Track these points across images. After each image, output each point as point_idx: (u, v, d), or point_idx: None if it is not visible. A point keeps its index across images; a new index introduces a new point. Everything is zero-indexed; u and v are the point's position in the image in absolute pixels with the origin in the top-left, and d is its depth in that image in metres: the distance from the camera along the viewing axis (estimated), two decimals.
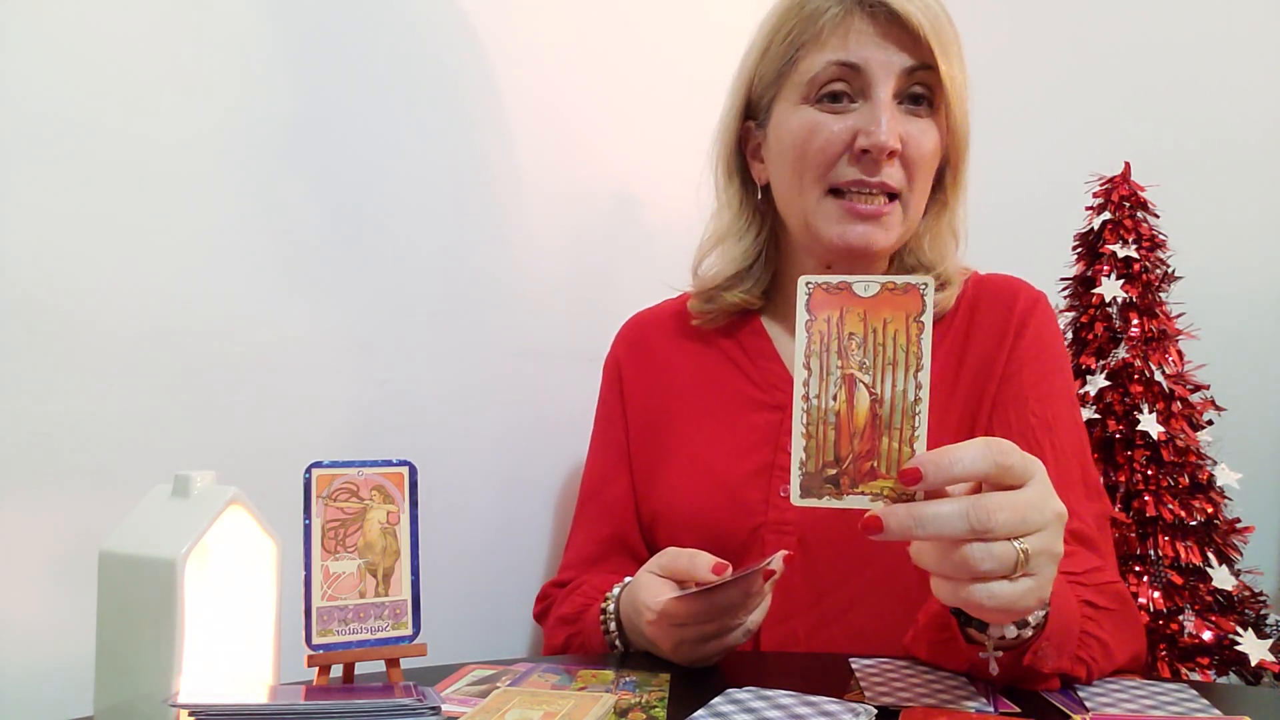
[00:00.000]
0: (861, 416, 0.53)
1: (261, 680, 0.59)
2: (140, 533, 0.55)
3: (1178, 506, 1.24)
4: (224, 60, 0.83)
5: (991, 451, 0.51)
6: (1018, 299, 0.88)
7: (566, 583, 0.96)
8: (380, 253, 0.99)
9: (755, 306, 0.96)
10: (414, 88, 1.03)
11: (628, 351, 1.02)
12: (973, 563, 0.50)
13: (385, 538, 0.60)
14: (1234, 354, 1.45)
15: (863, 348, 0.53)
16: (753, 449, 0.89)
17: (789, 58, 0.85)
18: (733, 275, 0.94)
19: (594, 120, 1.30)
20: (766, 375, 0.93)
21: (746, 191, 0.95)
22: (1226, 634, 1.19)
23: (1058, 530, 0.54)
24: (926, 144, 0.83)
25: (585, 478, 1.02)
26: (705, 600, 0.69)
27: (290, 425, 0.89)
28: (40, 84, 0.70)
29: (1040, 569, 0.52)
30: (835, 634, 0.81)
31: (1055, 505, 0.54)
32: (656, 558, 0.76)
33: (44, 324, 0.71)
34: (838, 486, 0.53)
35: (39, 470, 0.70)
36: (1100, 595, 0.72)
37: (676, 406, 0.96)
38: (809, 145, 0.83)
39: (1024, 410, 0.83)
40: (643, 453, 0.97)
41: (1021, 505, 0.51)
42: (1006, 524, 0.51)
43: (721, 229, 0.96)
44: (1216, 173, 1.55)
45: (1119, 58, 1.65)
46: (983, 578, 0.51)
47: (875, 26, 0.81)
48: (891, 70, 0.81)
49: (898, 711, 0.59)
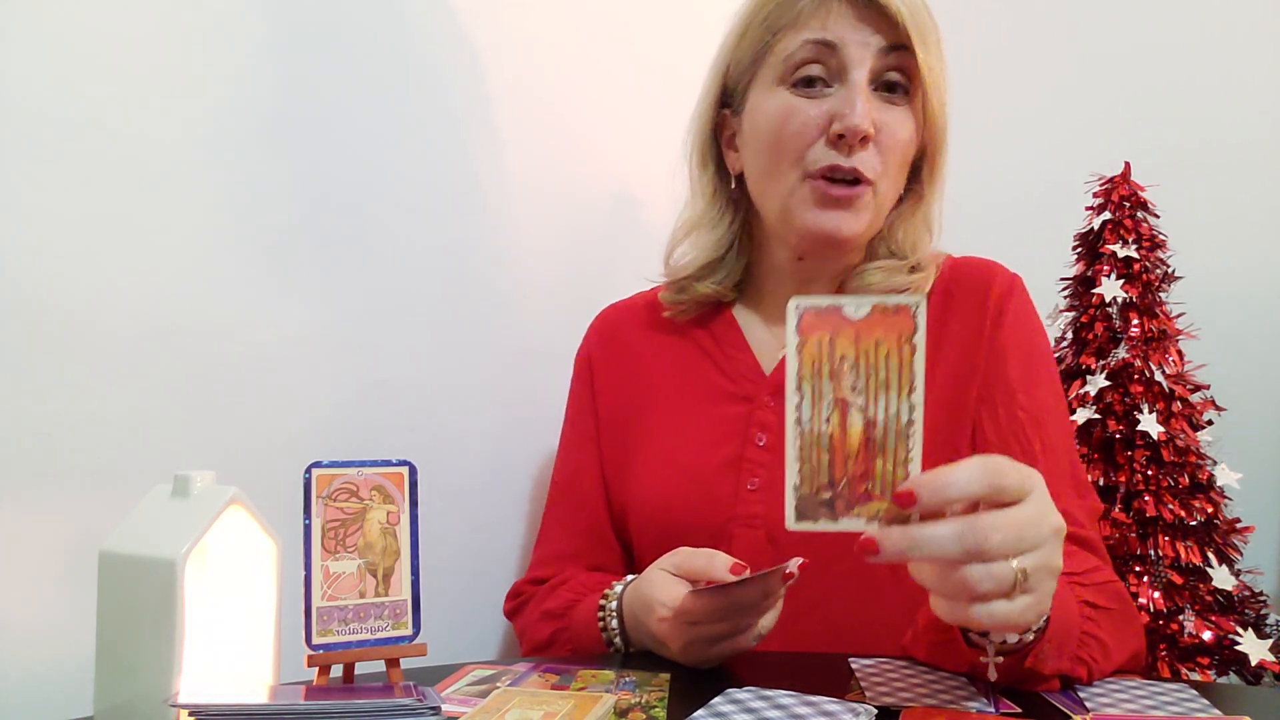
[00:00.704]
0: (855, 440, 0.52)
1: (261, 680, 0.59)
2: (140, 533, 0.55)
3: (1178, 506, 1.24)
4: (221, 59, 0.83)
5: (987, 473, 0.51)
6: (993, 283, 0.87)
7: (543, 579, 0.95)
8: (379, 253, 0.99)
9: (728, 299, 0.96)
10: (413, 87, 1.03)
11: (598, 344, 1.02)
12: (971, 584, 0.50)
13: (385, 538, 0.60)
14: (1234, 354, 1.44)
15: (855, 370, 0.52)
16: (722, 441, 0.88)
17: (765, 42, 0.84)
18: (704, 265, 0.94)
19: (592, 119, 1.30)
20: (737, 366, 0.92)
21: (720, 180, 0.94)
22: (1226, 634, 1.19)
23: (1056, 545, 0.54)
24: (901, 132, 0.83)
25: (556, 472, 1.02)
26: (723, 598, 0.69)
27: (290, 425, 0.89)
28: (40, 83, 0.70)
29: (1039, 585, 0.52)
30: (809, 628, 0.81)
31: (1053, 520, 0.54)
32: (669, 556, 0.76)
33: (44, 324, 0.71)
34: (833, 510, 0.53)
35: (39, 470, 0.70)
36: (1100, 595, 0.72)
37: (646, 398, 0.95)
38: (785, 129, 0.83)
39: (1012, 405, 0.83)
40: (613, 445, 0.97)
41: (1018, 524, 0.51)
42: (1002, 545, 0.50)
43: (694, 218, 0.96)
44: (1216, 173, 1.54)
45: (1119, 58, 1.65)
46: (981, 598, 0.51)
47: (853, 10, 0.81)
48: (868, 50, 0.80)
49: (898, 711, 0.59)
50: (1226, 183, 1.55)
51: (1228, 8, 1.57)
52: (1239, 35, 1.57)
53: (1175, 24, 1.61)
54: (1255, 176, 1.54)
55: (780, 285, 0.93)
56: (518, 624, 0.96)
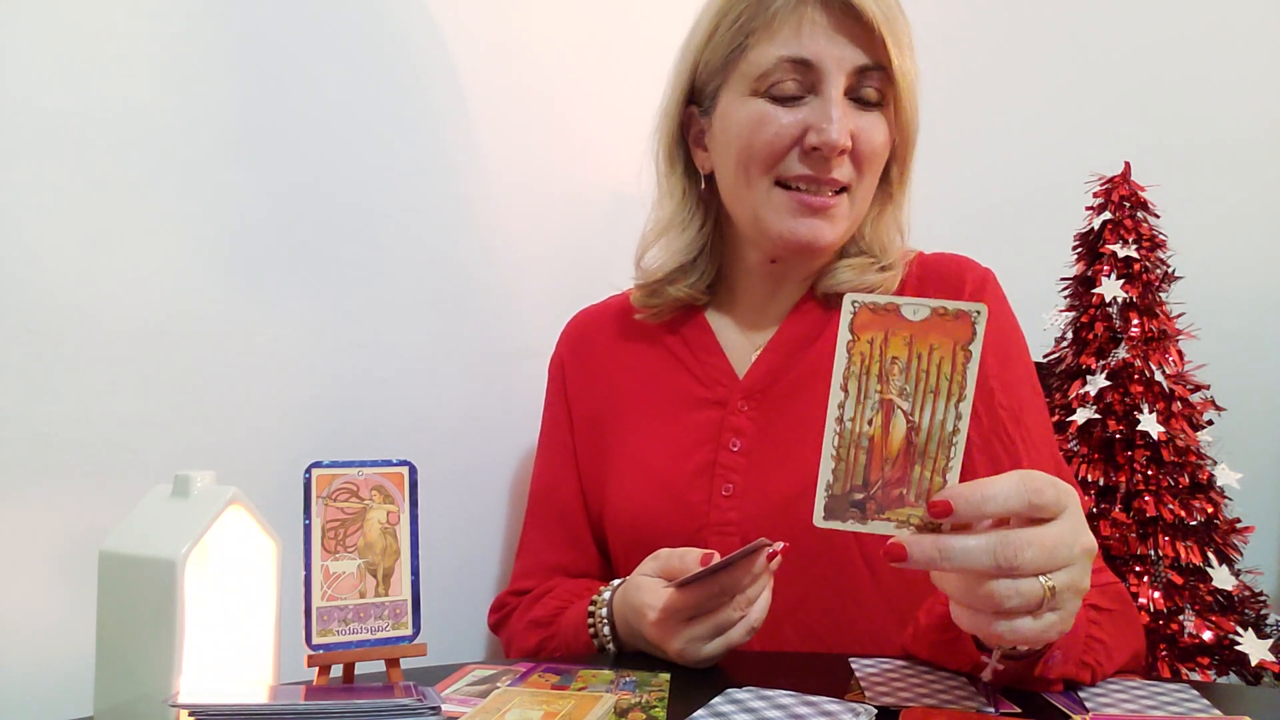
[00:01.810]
0: (896, 443, 0.51)
1: (261, 680, 0.59)
2: (140, 533, 0.55)
3: (1178, 506, 1.24)
4: (222, 58, 0.83)
5: (1025, 490, 0.50)
6: (965, 279, 0.86)
7: (526, 590, 0.94)
8: (379, 252, 0.99)
9: (701, 303, 0.94)
10: (408, 86, 1.03)
11: (570, 350, 1.01)
12: (998, 599, 0.50)
13: (385, 538, 0.60)
14: (1234, 354, 1.45)
15: (905, 373, 0.51)
16: (694, 448, 0.87)
17: (738, 44, 0.82)
18: (676, 268, 0.92)
19: (590, 118, 1.30)
20: (709, 370, 0.91)
21: (689, 180, 0.93)
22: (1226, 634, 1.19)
23: (1085, 565, 0.53)
24: (876, 138, 0.82)
25: (534, 481, 1.01)
26: (707, 586, 0.68)
27: (290, 425, 0.89)
28: (40, 82, 0.70)
29: (1065, 604, 0.52)
30: (787, 633, 0.81)
31: (1085, 540, 0.53)
32: (650, 560, 0.76)
33: (44, 324, 0.71)
34: (863, 511, 0.52)
35: (39, 470, 0.70)
36: (1102, 596, 0.72)
37: (619, 405, 0.94)
38: (756, 138, 0.81)
39: (991, 403, 0.82)
40: (588, 454, 0.95)
41: (1050, 542, 0.50)
42: (1034, 561, 0.49)
43: (664, 220, 0.94)
44: (1216, 173, 1.55)
45: (1119, 58, 1.65)
46: (1007, 615, 0.50)
47: (829, 18, 0.79)
48: (844, 67, 0.79)
49: (898, 712, 0.59)
50: (1226, 183, 1.55)
51: (1228, 7, 1.58)
52: (1239, 35, 1.57)
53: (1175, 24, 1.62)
54: (1255, 176, 1.54)
55: (753, 287, 0.92)
56: (503, 635, 0.96)
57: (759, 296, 0.92)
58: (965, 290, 0.86)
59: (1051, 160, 1.64)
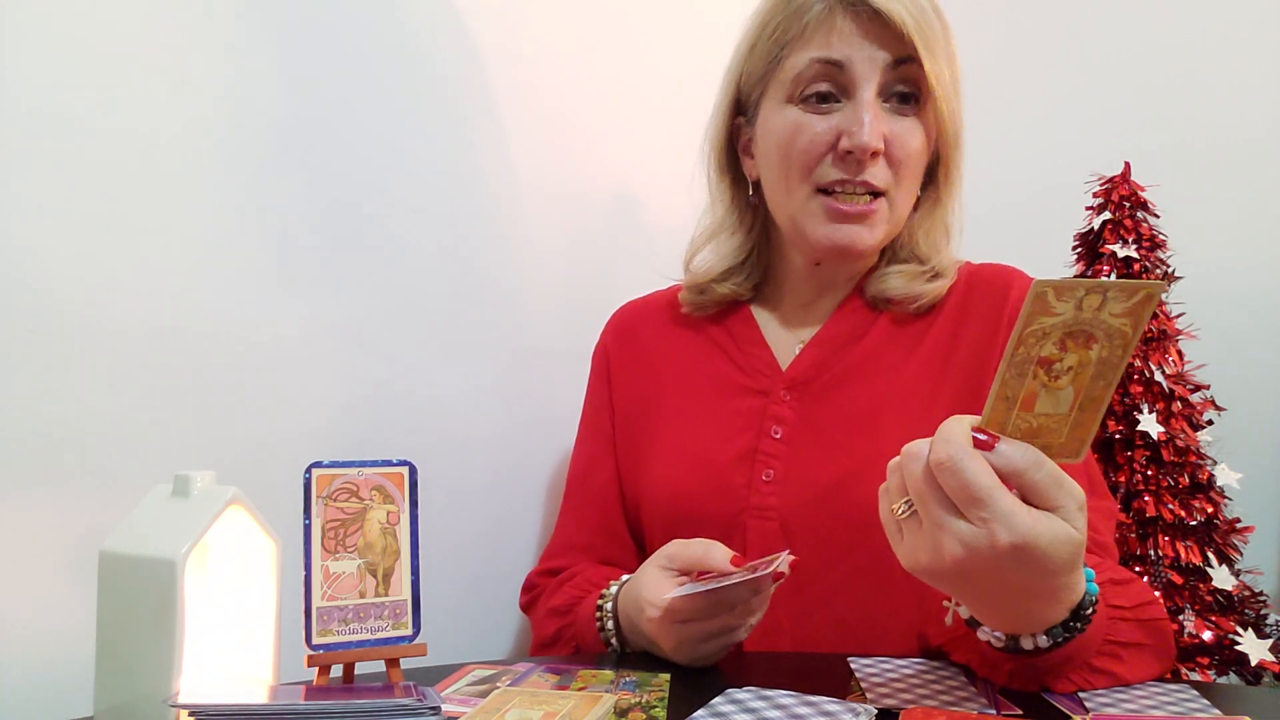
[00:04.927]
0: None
1: (261, 680, 0.59)
2: (140, 533, 0.55)
3: (1178, 506, 1.24)
4: (225, 60, 0.83)
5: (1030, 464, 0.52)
6: (1012, 286, 0.88)
7: (556, 570, 0.95)
8: (379, 252, 0.99)
9: (745, 297, 0.97)
10: (412, 86, 1.03)
11: (616, 340, 1.03)
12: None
13: (385, 538, 0.60)
14: (1234, 354, 1.44)
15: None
16: (737, 434, 0.89)
17: (775, 55, 0.86)
18: (725, 270, 0.96)
19: (594, 119, 1.30)
20: (752, 361, 0.93)
21: (738, 187, 0.96)
22: (1226, 634, 1.19)
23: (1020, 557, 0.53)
24: (912, 143, 0.83)
25: (573, 465, 1.03)
26: (710, 598, 0.69)
27: (290, 425, 0.89)
28: (42, 82, 0.70)
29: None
30: (819, 622, 0.81)
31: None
32: (665, 548, 0.76)
33: (44, 324, 0.71)
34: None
35: (39, 470, 0.70)
36: (1139, 630, 0.68)
37: (662, 390, 0.96)
38: (793, 146, 0.84)
39: None
40: (628, 439, 0.97)
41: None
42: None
43: (714, 225, 0.98)
44: (1216, 173, 1.55)
45: (1119, 58, 1.65)
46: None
47: (858, 25, 0.81)
48: (875, 66, 0.81)
49: (898, 712, 0.59)
50: (1226, 183, 1.55)
51: (1228, 7, 1.57)
52: (1239, 35, 1.57)
53: (1175, 24, 1.61)
54: (1255, 176, 1.54)
55: (798, 287, 0.95)
56: (532, 618, 0.97)
57: (804, 296, 0.95)
58: (1010, 297, 0.88)
59: (1052, 160, 1.64)
